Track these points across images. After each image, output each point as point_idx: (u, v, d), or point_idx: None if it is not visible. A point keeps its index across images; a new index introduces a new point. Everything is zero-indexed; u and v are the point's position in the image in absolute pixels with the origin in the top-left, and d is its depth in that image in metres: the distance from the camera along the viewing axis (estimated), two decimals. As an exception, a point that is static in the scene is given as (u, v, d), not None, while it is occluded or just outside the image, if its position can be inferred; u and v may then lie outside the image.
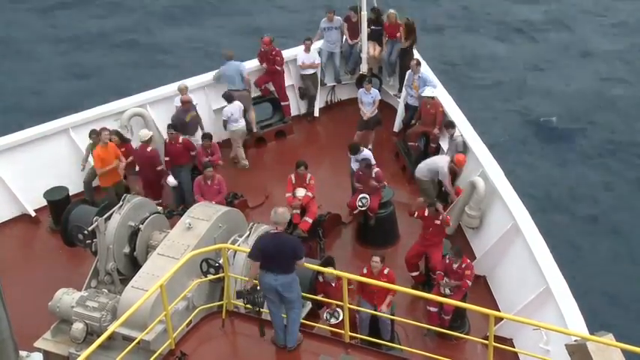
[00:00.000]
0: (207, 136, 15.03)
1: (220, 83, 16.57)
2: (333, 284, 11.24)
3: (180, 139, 14.69)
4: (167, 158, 14.71)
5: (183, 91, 15.57)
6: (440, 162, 14.14)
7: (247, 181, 15.61)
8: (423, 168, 14.13)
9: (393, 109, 17.25)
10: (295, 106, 17.77)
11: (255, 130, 16.82)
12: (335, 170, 15.73)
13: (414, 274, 13.05)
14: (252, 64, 17.01)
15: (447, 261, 12.01)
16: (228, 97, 15.80)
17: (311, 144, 17.23)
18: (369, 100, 15.98)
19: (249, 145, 16.71)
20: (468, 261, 12.06)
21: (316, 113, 17.78)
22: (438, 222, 12.76)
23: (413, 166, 14.93)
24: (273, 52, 16.96)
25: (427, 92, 15.38)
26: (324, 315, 11.37)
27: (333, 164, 16.09)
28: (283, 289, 9.04)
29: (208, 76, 16.77)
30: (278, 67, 16.93)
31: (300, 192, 13.50)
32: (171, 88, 16.18)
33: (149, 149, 14.35)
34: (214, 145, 15.10)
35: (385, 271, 11.44)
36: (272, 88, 17.27)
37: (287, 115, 17.36)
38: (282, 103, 17.29)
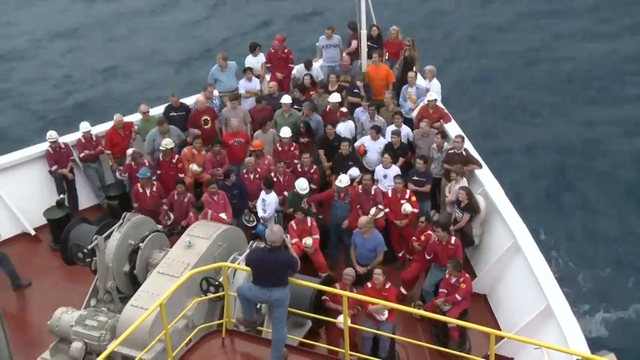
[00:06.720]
0: (218, 142, 14.86)
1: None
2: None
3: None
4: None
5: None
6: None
7: None
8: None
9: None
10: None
11: None
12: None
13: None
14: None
15: (447, 276, 11.99)
16: None
17: None
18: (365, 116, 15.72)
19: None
20: (467, 275, 12.05)
21: None
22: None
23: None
24: (286, 51, 17.13)
25: (429, 96, 15.17)
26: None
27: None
28: (277, 303, 9.02)
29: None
30: (291, 65, 17.08)
31: (309, 240, 13.16)
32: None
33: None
34: (224, 153, 14.87)
35: (387, 286, 11.53)
36: None
37: None
38: None
